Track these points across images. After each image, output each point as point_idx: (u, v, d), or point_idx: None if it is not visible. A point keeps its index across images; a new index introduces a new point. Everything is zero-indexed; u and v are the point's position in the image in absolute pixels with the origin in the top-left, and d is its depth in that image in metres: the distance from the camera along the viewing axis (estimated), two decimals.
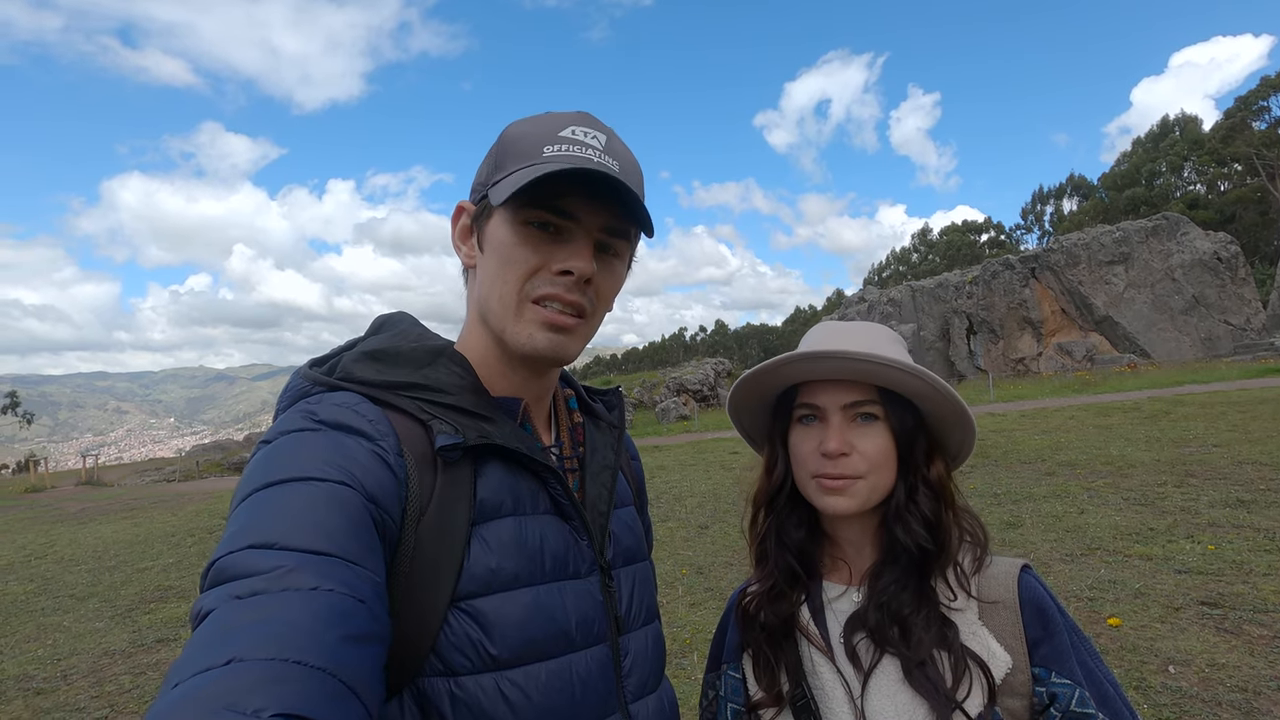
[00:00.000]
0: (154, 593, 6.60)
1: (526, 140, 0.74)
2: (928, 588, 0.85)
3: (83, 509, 15.40)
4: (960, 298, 28.52)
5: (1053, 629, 0.83)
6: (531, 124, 0.76)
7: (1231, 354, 22.46)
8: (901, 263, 78.76)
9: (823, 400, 0.88)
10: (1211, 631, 3.45)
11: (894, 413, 0.87)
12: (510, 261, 0.73)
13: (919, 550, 0.85)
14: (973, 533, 0.89)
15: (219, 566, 0.53)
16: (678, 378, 28.90)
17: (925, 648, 0.81)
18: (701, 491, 9.16)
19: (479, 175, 0.79)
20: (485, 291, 0.76)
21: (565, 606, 0.72)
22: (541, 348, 0.74)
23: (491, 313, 0.76)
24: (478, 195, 0.77)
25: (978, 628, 0.83)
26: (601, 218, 0.74)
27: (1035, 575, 0.88)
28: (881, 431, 0.87)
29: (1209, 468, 7.04)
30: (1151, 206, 44.42)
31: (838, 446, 0.85)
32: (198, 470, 27.04)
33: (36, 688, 4.31)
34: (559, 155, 0.71)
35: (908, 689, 0.81)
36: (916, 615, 0.83)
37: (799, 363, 0.87)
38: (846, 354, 0.84)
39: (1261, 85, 47.78)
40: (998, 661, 0.81)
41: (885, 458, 0.86)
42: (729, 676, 0.98)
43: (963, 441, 0.91)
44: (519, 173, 0.71)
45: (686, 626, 4.28)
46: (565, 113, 0.77)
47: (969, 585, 0.86)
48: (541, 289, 0.73)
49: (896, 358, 0.84)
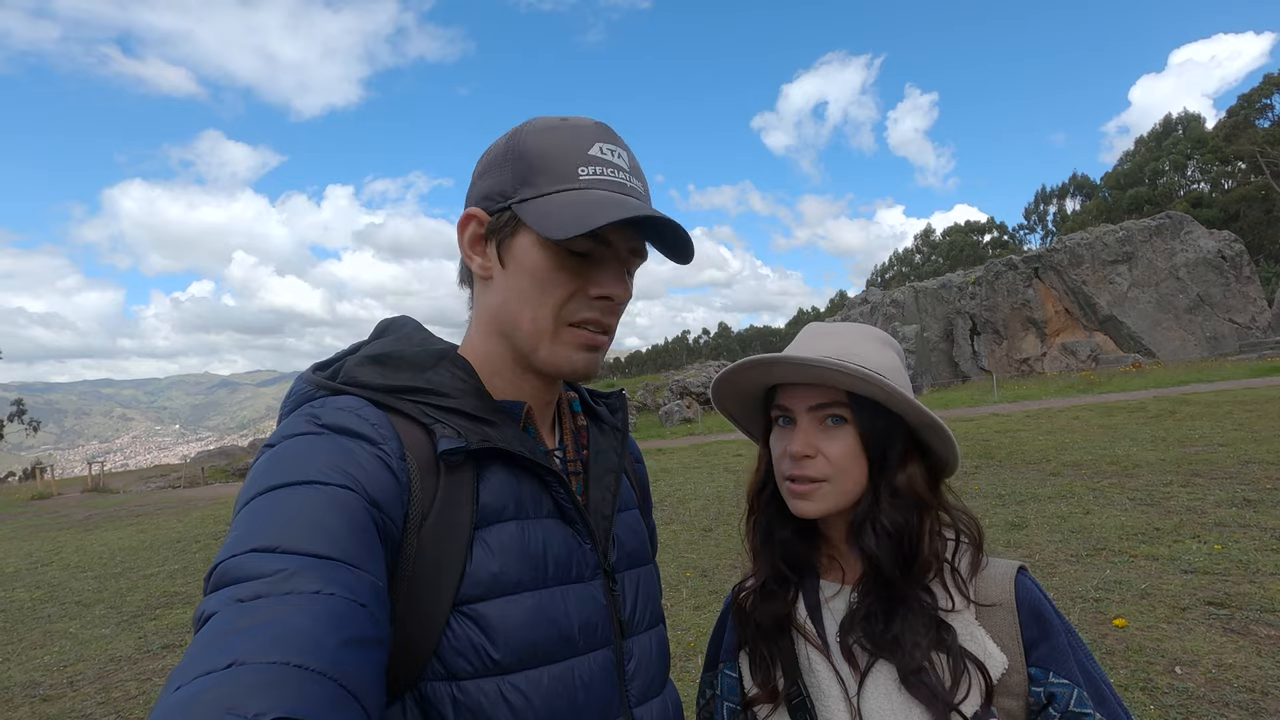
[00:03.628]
0: (160, 599, 6.61)
1: (555, 158, 0.73)
2: (915, 595, 0.84)
3: (89, 516, 15.44)
4: (963, 298, 28.43)
5: (1050, 630, 0.83)
6: (553, 136, 0.74)
7: (1237, 353, 22.34)
8: (904, 264, 78.55)
9: (792, 402, 0.89)
10: (1218, 632, 3.43)
11: (863, 416, 0.86)
12: (547, 286, 0.73)
13: (887, 564, 0.84)
14: (970, 534, 0.89)
15: (222, 570, 0.53)
16: (681, 380, 28.87)
17: (921, 654, 0.81)
18: (705, 494, 9.14)
19: (491, 182, 0.76)
20: (513, 310, 0.75)
21: (568, 610, 0.72)
22: (580, 368, 0.76)
23: (520, 332, 0.75)
24: (494, 205, 0.75)
25: (975, 629, 0.83)
26: (631, 241, 0.75)
27: (1031, 577, 0.88)
28: (849, 435, 0.86)
29: (1215, 467, 7.01)
30: (1155, 205, 44.25)
31: (800, 448, 0.85)
32: (203, 476, 27.09)
33: (43, 694, 4.33)
34: (596, 180, 0.72)
35: (904, 689, 0.81)
36: (904, 628, 0.83)
37: (759, 368, 0.89)
38: (800, 359, 0.84)
39: (1265, 83, 47.59)
40: (994, 662, 0.80)
41: (850, 461, 0.86)
42: (725, 675, 0.98)
43: (945, 448, 0.89)
44: (561, 199, 0.71)
45: (691, 629, 4.27)
46: (582, 121, 0.76)
47: (966, 589, 0.85)
48: (580, 314, 0.74)
49: (862, 361, 0.84)
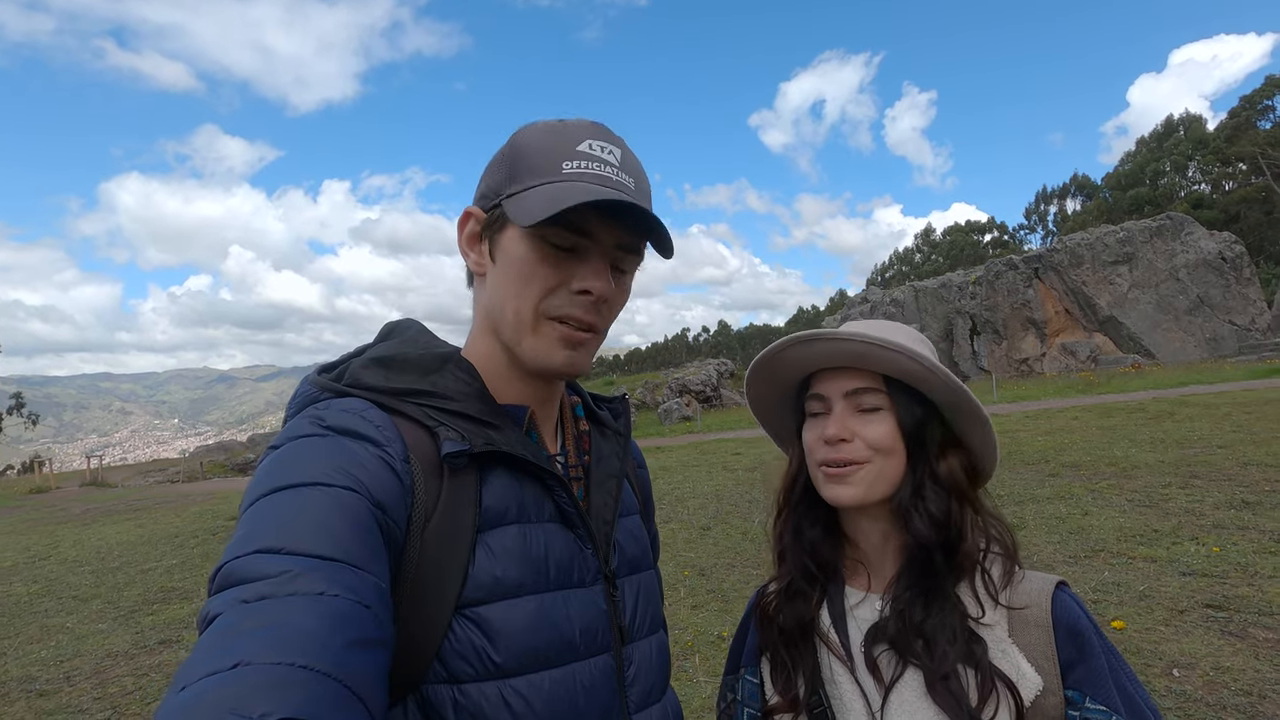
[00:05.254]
0: (157, 594, 6.61)
1: (542, 153, 0.73)
2: (950, 596, 0.82)
3: (87, 510, 15.44)
4: (963, 298, 28.45)
5: (1088, 651, 0.79)
6: (545, 134, 0.75)
7: (1236, 354, 22.37)
8: (904, 263, 78.57)
9: (827, 389, 0.88)
10: (1216, 634, 3.43)
11: (901, 402, 0.85)
12: (528, 279, 0.73)
13: (930, 549, 0.83)
14: (1002, 542, 0.86)
15: (226, 571, 0.53)
16: (680, 378, 28.89)
17: (950, 660, 0.78)
18: (704, 493, 9.15)
19: (489, 182, 0.77)
20: (499, 304, 0.76)
21: (569, 615, 0.72)
22: (558, 364, 0.75)
23: (505, 325, 0.75)
24: (489, 203, 0.76)
25: (1007, 646, 0.80)
26: (617, 235, 0.74)
27: (1072, 594, 0.84)
28: (886, 420, 0.85)
29: (1213, 469, 7.01)
30: (1155, 206, 44.29)
31: (837, 431, 0.84)
32: (201, 471, 27.11)
33: (40, 689, 4.33)
34: (579, 173, 0.71)
35: (930, 704, 0.78)
36: (939, 625, 0.80)
37: (797, 345, 0.87)
38: (838, 334, 0.83)
39: (1266, 84, 47.59)
40: (1028, 683, 0.77)
41: (889, 446, 0.85)
42: (746, 680, 0.97)
43: (982, 439, 0.88)
44: (540, 190, 0.70)
45: (689, 629, 4.27)
46: (578, 122, 0.76)
47: (997, 595, 0.82)
48: (560, 308, 0.73)
49: (899, 341, 0.82)
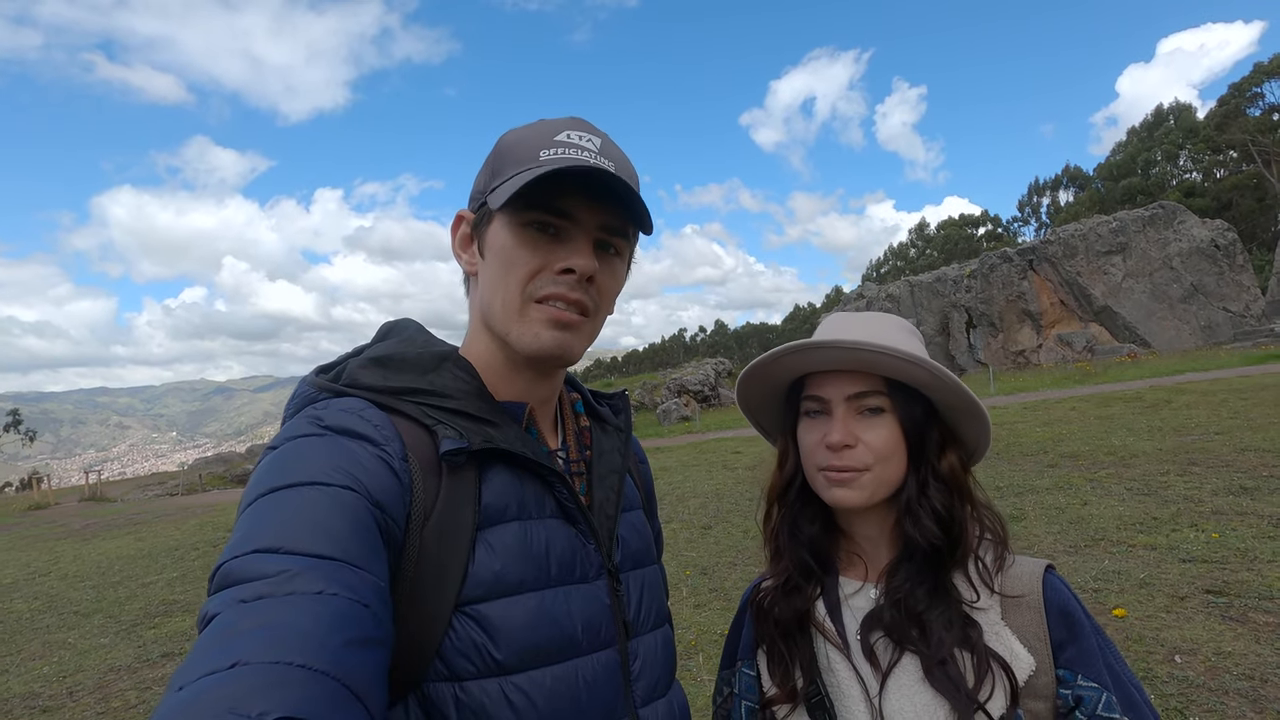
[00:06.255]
0: (158, 607, 6.59)
1: (522, 146, 0.75)
2: (946, 584, 0.83)
3: (86, 525, 15.36)
4: (959, 292, 28.50)
5: (1078, 631, 0.81)
6: (526, 130, 0.77)
7: (1231, 341, 22.44)
8: (899, 258, 78.64)
9: (827, 392, 0.86)
10: (1217, 620, 3.44)
11: (901, 404, 0.85)
12: (512, 264, 0.74)
13: (933, 545, 0.83)
14: (994, 530, 0.87)
15: (225, 570, 0.53)
16: (678, 379, 28.89)
17: (946, 646, 0.79)
18: (704, 492, 9.14)
19: (477, 184, 0.80)
20: (488, 296, 0.77)
21: (571, 611, 0.72)
22: (547, 346, 0.74)
23: (495, 316, 0.76)
24: (476, 203, 0.78)
25: (1000, 628, 0.81)
26: (599, 216, 0.75)
27: (1059, 576, 0.86)
28: (888, 423, 0.85)
29: (1211, 456, 7.03)
30: (1148, 195, 44.42)
31: (841, 438, 0.83)
32: (200, 483, 27.03)
33: (43, 705, 4.31)
34: (555, 158, 0.72)
35: (927, 688, 0.79)
36: (934, 612, 0.81)
37: (798, 353, 0.86)
38: (842, 343, 0.82)
39: (1255, 71, 47.79)
40: (1021, 663, 0.79)
41: (892, 450, 0.85)
42: (743, 674, 0.97)
43: (978, 434, 0.89)
44: (516, 177, 0.72)
45: (691, 627, 4.27)
46: (559, 119, 0.78)
47: (991, 582, 0.84)
48: (545, 289, 0.74)
49: (901, 347, 0.82)
